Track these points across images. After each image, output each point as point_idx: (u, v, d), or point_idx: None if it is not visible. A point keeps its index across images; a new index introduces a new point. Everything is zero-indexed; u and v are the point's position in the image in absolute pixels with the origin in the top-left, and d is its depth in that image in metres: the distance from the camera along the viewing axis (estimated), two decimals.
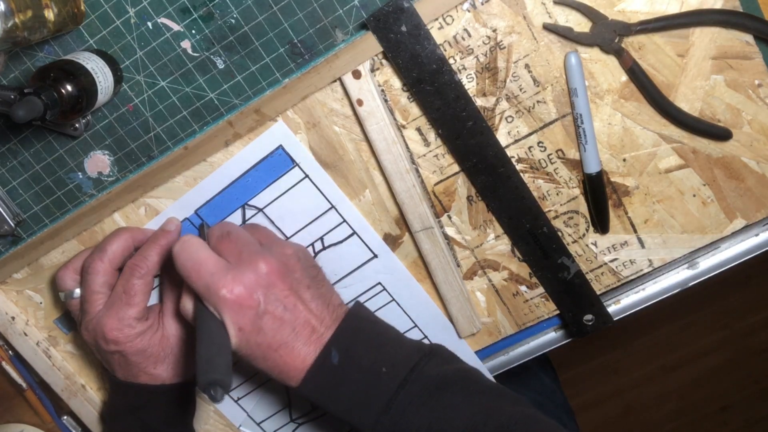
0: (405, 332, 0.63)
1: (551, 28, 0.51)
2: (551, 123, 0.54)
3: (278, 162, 0.56)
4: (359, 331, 0.50)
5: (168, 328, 0.58)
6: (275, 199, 0.58)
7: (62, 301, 0.59)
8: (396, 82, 0.54)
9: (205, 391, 0.43)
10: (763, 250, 0.58)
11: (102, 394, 0.68)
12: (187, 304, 0.50)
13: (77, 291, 0.58)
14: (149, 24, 0.53)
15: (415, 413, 0.47)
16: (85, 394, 0.67)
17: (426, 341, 0.63)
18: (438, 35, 0.52)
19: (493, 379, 0.52)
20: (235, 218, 0.59)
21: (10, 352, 0.67)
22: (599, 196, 0.55)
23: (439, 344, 0.54)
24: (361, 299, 0.62)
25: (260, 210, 0.59)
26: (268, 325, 0.47)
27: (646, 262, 0.58)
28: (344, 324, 0.50)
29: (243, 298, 0.47)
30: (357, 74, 0.52)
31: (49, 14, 0.48)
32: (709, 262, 0.59)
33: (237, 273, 0.47)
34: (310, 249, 0.60)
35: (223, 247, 0.50)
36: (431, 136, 0.55)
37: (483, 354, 0.64)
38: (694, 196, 0.55)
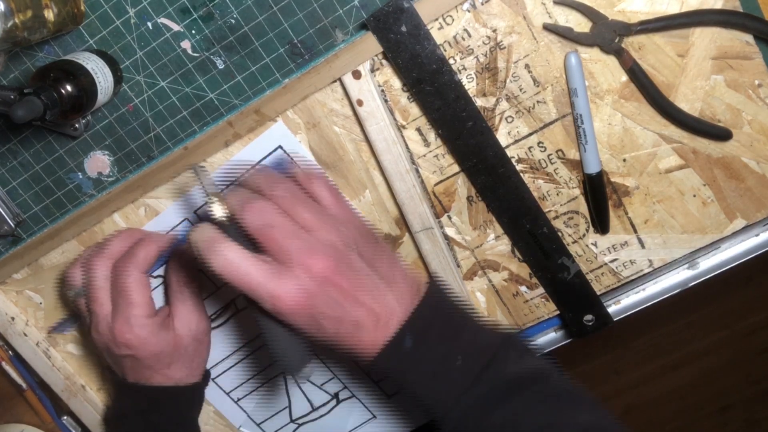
0: None
1: (551, 28, 0.51)
2: (551, 123, 0.54)
3: (278, 162, 0.56)
4: (435, 314, 0.47)
5: (179, 328, 0.57)
6: None
7: (71, 300, 0.58)
8: (396, 83, 0.54)
9: (295, 377, 0.45)
10: (763, 250, 0.58)
11: (102, 394, 0.68)
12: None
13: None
14: (149, 24, 0.53)
15: (485, 412, 0.45)
16: (85, 394, 0.67)
17: None
18: (438, 35, 0.52)
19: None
20: None
21: (10, 352, 0.67)
22: (599, 197, 0.55)
23: (514, 334, 0.50)
24: None
25: None
26: (327, 322, 0.45)
27: (646, 262, 0.58)
28: (420, 308, 0.46)
29: (297, 304, 0.43)
30: (357, 74, 0.52)
31: (49, 14, 0.48)
32: (709, 262, 0.59)
33: (284, 280, 0.43)
34: None
35: (265, 241, 0.44)
36: (431, 136, 0.55)
37: None
38: (694, 196, 0.55)
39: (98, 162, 0.59)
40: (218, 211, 0.46)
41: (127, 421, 0.59)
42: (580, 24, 0.51)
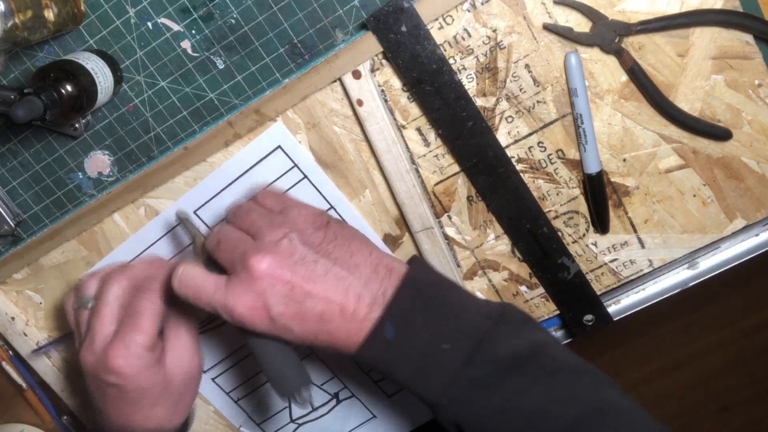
0: None
1: (551, 28, 0.51)
2: (551, 123, 0.54)
3: (277, 162, 0.56)
4: (416, 299, 0.44)
5: (171, 365, 0.52)
6: None
7: (74, 308, 0.53)
8: (396, 82, 0.54)
9: (292, 402, 0.44)
10: (763, 250, 0.58)
11: None
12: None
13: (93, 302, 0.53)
14: (149, 24, 0.53)
15: (479, 397, 0.43)
16: (86, 394, 0.67)
17: None
18: (438, 35, 0.52)
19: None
20: None
21: (10, 352, 0.67)
22: (599, 196, 0.55)
23: (509, 305, 0.47)
24: None
25: None
26: (290, 324, 0.44)
27: (646, 262, 0.58)
28: (398, 294, 0.44)
29: (250, 309, 0.43)
30: (357, 74, 0.52)
31: (49, 14, 0.48)
32: (709, 262, 0.59)
33: (232, 287, 0.44)
34: None
35: (218, 256, 0.47)
36: (431, 136, 0.55)
37: None
38: (694, 196, 0.55)
39: (98, 162, 0.59)
40: (194, 247, 0.50)
41: None
42: (580, 24, 0.51)
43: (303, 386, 0.46)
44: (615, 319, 0.60)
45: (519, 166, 0.56)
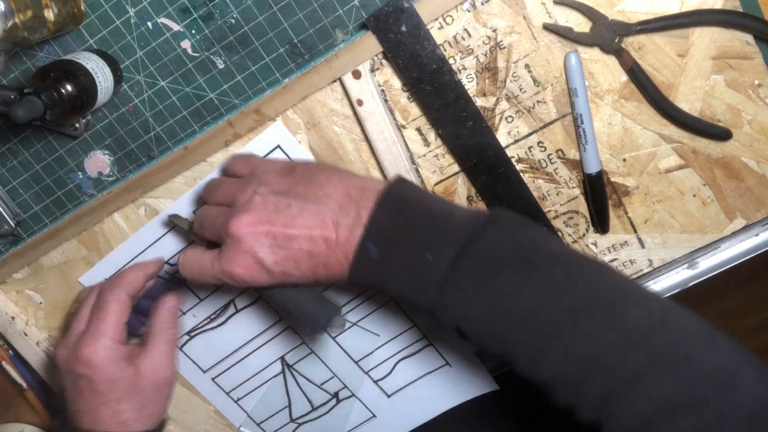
0: (403, 332, 0.63)
1: (551, 28, 0.51)
2: (551, 123, 0.54)
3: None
4: (396, 214, 0.44)
5: (144, 367, 0.55)
6: None
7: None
8: (396, 82, 0.54)
9: (328, 332, 0.47)
10: (763, 250, 0.58)
11: None
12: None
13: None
14: (149, 24, 0.53)
15: (470, 299, 0.42)
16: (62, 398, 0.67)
17: (425, 341, 0.63)
18: (438, 35, 0.52)
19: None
20: None
21: (10, 351, 0.67)
22: (599, 196, 0.55)
23: (504, 210, 0.46)
24: (359, 299, 0.62)
25: None
26: (288, 268, 0.46)
27: (646, 262, 0.58)
28: (375, 212, 0.44)
29: (246, 270, 0.46)
30: (357, 74, 0.52)
31: (49, 14, 0.48)
32: (709, 262, 0.59)
33: (224, 255, 0.47)
34: None
35: (207, 236, 0.50)
36: (431, 136, 0.55)
37: (483, 354, 0.64)
38: (694, 196, 0.55)
39: (98, 162, 0.59)
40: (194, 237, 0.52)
41: None
42: (580, 24, 0.51)
43: (332, 315, 0.49)
44: None
45: (519, 166, 0.56)
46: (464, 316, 0.43)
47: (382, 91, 0.54)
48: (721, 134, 0.53)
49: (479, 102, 0.54)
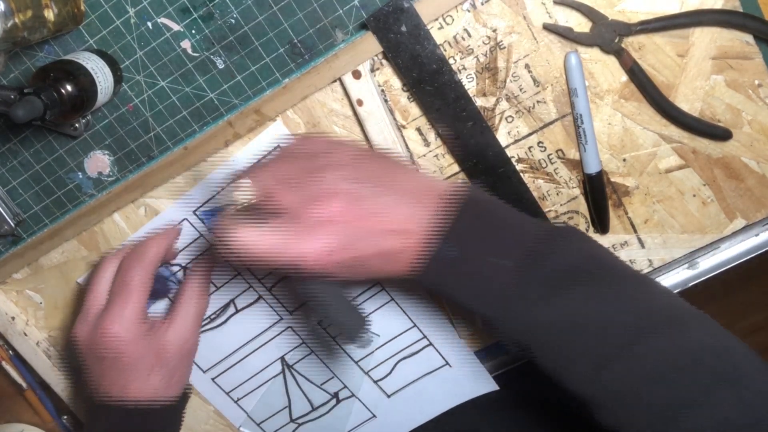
0: (404, 332, 0.63)
1: (551, 28, 0.51)
2: (551, 123, 0.54)
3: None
4: (476, 218, 0.44)
5: (171, 336, 0.56)
6: None
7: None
8: (396, 82, 0.54)
9: (356, 345, 0.48)
10: (763, 250, 0.58)
11: None
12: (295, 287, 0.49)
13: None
14: (149, 24, 0.53)
15: (541, 309, 0.42)
16: (85, 394, 0.67)
17: (425, 341, 0.63)
18: (438, 35, 0.52)
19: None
20: None
21: (10, 352, 0.67)
22: (599, 196, 0.55)
23: (567, 225, 0.47)
24: (361, 298, 0.62)
25: None
26: (357, 263, 0.44)
27: (646, 262, 0.58)
28: (457, 213, 0.44)
29: (322, 257, 0.43)
30: (357, 74, 0.52)
31: (49, 14, 0.48)
32: (709, 262, 0.59)
33: (302, 237, 0.43)
34: None
35: (272, 209, 0.44)
36: (431, 136, 0.55)
37: (483, 354, 0.64)
38: (694, 196, 0.55)
39: (98, 162, 0.59)
40: (240, 197, 0.45)
41: None
42: (580, 24, 0.51)
43: (364, 329, 0.49)
44: None
45: (519, 166, 0.56)
46: (528, 324, 0.43)
47: (382, 91, 0.54)
48: (721, 134, 0.53)
49: (479, 102, 0.54)
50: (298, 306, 0.63)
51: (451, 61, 0.53)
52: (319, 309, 0.48)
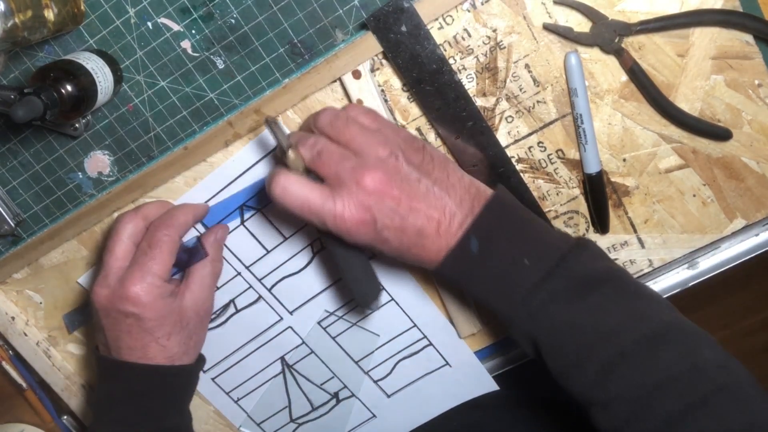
0: (404, 332, 0.63)
1: (551, 28, 0.51)
2: (551, 123, 0.54)
3: (276, 162, 0.56)
4: (501, 218, 0.47)
5: (189, 299, 0.56)
6: None
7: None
8: (396, 82, 0.54)
9: (367, 308, 0.51)
10: (763, 250, 0.58)
11: None
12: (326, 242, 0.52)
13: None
14: (149, 24, 0.53)
15: (556, 310, 0.45)
16: (85, 394, 0.67)
17: (425, 341, 0.63)
18: (438, 35, 0.52)
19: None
20: (234, 219, 0.59)
21: (10, 352, 0.67)
22: (599, 196, 0.55)
23: (587, 238, 0.49)
24: None
25: (259, 210, 0.59)
26: (391, 236, 0.46)
27: (646, 262, 0.58)
28: (486, 210, 0.46)
29: (356, 221, 0.46)
30: (357, 74, 0.52)
31: (49, 14, 0.48)
32: (709, 262, 0.59)
33: (341, 199, 0.46)
34: (308, 249, 0.60)
35: (319, 168, 0.47)
36: (431, 136, 0.55)
37: (483, 354, 0.64)
38: (694, 196, 0.55)
39: (98, 162, 0.59)
40: (289, 158, 0.48)
41: (118, 406, 0.56)
42: (580, 24, 0.51)
43: (377, 296, 0.53)
44: None
45: (519, 166, 0.56)
46: (542, 325, 0.45)
47: (382, 91, 0.54)
48: (721, 134, 0.53)
49: (479, 102, 0.54)
50: (298, 306, 0.63)
51: (451, 61, 0.53)
52: (341, 271, 0.51)
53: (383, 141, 0.47)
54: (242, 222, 0.59)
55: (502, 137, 0.55)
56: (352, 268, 0.52)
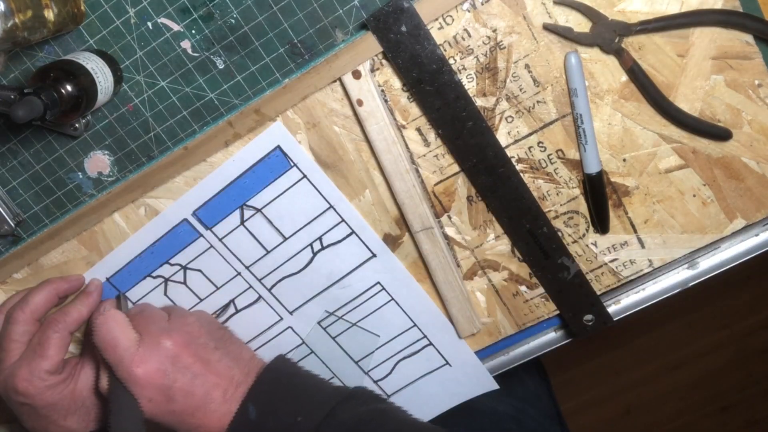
0: (404, 332, 0.63)
1: (551, 28, 0.51)
2: (551, 123, 0.54)
3: (276, 162, 0.56)
4: (276, 382, 0.54)
5: (83, 379, 0.59)
6: (274, 200, 0.58)
7: None
8: (396, 82, 0.54)
9: None
10: (763, 250, 0.58)
11: None
12: (104, 379, 0.54)
13: None
14: (149, 24, 0.53)
15: None
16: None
17: (425, 341, 0.63)
18: (438, 35, 0.52)
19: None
20: (234, 218, 0.59)
21: None
22: (599, 196, 0.55)
23: (362, 387, 0.58)
24: (360, 299, 0.62)
25: (258, 210, 0.59)
26: (179, 394, 0.51)
27: (646, 262, 0.58)
28: (260, 378, 0.54)
29: (151, 372, 0.51)
30: (357, 74, 0.52)
31: (49, 14, 0.48)
32: (709, 262, 0.59)
33: (145, 349, 0.52)
34: (308, 249, 0.60)
35: (136, 323, 0.54)
36: (431, 136, 0.55)
37: (483, 354, 0.64)
38: (694, 196, 0.55)
39: (98, 162, 0.59)
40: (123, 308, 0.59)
41: None
42: (580, 24, 0.51)
43: None
44: (615, 319, 0.60)
45: (519, 166, 0.56)
46: None
47: (382, 91, 0.54)
48: (721, 134, 0.53)
49: (479, 102, 0.54)
50: (298, 306, 0.63)
51: (451, 61, 0.53)
52: (111, 412, 0.52)
53: (191, 314, 0.57)
54: (242, 222, 0.59)
55: (502, 137, 0.55)
56: (122, 413, 0.52)
